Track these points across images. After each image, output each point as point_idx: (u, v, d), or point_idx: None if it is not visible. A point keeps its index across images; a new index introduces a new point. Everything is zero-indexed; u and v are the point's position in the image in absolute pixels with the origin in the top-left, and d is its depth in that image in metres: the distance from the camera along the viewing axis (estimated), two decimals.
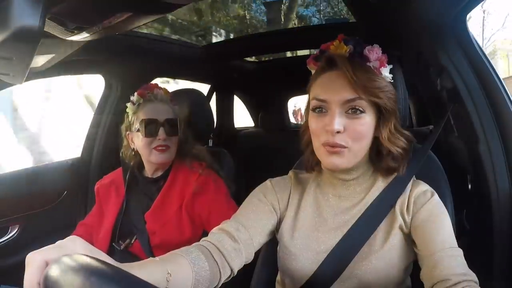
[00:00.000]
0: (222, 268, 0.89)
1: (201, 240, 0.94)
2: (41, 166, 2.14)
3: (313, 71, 1.04)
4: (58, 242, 0.54)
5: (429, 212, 0.97)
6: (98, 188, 1.71)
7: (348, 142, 0.92)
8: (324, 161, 0.97)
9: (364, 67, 0.95)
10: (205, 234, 1.55)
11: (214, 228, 0.99)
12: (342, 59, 0.94)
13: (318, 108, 0.96)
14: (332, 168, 0.98)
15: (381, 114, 0.97)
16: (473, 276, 0.85)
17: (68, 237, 0.54)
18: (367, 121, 0.94)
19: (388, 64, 0.99)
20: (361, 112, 0.93)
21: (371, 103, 0.93)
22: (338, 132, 0.91)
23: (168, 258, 0.79)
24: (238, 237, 0.96)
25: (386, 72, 0.98)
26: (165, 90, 1.65)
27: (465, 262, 0.89)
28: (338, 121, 0.91)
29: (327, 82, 0.95)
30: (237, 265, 0.95)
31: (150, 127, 1.53)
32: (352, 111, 0.93)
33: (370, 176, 1.05)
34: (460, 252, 0.90)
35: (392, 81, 0.99)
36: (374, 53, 0.97)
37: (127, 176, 1.65)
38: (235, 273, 0.95)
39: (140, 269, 0.65)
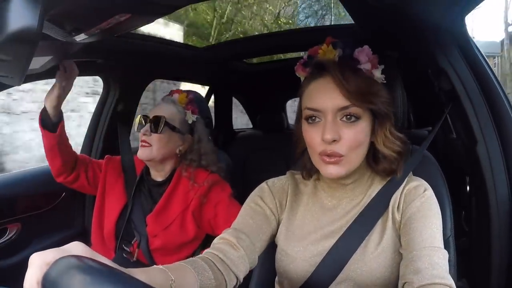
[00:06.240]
0: (227, 277, 0.89)
1: (204, 252, 0.94)
2: (39, 168, 2.12)
3: (302, 78, 1.01)
4: (63, 246, 0.54)
5: (417, 209, 0.95)
6: (108, 164, 1.72)
7: (344, 150, 0.90)
8: (322, 171, 0.95)
9: (355, 71, 0.91)
10: (208, 236, 1.57)
11: (216, 239, 0.99)
12: (331, 64, 0.91)
13: (312, 118, 0.93)
14: (330, 177, 0.96)
15: (376, 119, 0.94)
16: (447, 280, 0.81)
17: (72, 242, 0.54)
18: (363, 128, 0.91)
19: (380, 64, 0.95)
20: (356, 119, 0.90)
21: (366, 109, 0.91)
22: (334, 141, 0.89)
23: (172, 266, 0.78)
24: (239, 244, 0.95)
25: (378, 73, 0.94)
26: (181, 95, 1.69)
27: (444, 264, 0.86)
28: (333, 130, 0.88)
29: (318, 89, 0.92)
30: (242, 272, 0.94)
31: (141, 122, 1.59)
32: (347, 118, 0.90)
33: (368, 178, 1.04)
34: (441, 253, 0.87)
35: (385, 81, 0.95)
36: (365, 54, 0.93)
37: (136, 180, 1.65)
38: (241, 280, 0.94)
39: (142, 274, 0.64)
